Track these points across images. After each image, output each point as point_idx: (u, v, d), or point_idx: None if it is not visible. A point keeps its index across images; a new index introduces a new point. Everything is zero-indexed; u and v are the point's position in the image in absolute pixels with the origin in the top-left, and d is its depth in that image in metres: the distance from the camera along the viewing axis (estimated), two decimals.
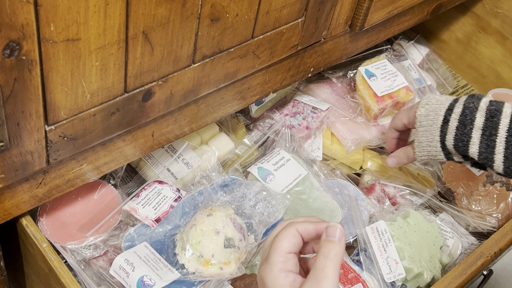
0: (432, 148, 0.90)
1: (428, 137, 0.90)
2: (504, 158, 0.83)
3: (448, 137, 0.87)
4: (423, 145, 0.91)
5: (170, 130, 0.81)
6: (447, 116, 0.88)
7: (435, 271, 0.93)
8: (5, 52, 0.52)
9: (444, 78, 1.31)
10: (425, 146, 0.91)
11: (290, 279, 0.61)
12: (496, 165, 0.84)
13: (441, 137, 0.88)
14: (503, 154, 0.83)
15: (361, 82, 1.12)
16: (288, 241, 0.62)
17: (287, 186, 0.97)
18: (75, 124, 0.65)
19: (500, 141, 0.83)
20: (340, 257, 0.60)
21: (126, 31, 0.61)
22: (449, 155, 0.89)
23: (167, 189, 0.90)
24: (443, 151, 0.89)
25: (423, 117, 0.90)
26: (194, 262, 0.80)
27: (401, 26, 1.07)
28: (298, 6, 0.79)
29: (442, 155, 0.90)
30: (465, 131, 0.85)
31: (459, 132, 0.86)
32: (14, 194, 0.70)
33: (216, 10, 0.68)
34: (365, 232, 0.93)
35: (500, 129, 0.83)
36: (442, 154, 0.89)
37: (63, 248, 0.82)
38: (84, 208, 0.89)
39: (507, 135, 0.83)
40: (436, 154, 0.90)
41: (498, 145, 0.83)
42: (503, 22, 1.25)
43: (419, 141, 0.91)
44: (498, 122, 0.83)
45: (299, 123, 1.08)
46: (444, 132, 0.88)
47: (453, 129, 0.86)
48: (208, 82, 0.77)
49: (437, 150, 0.90)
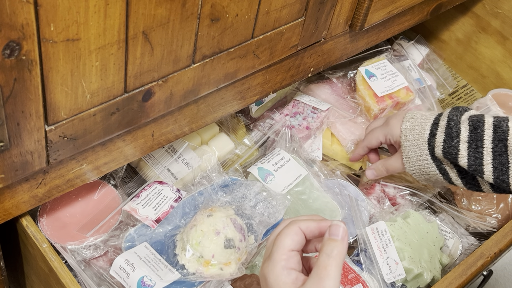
0: (423, 162, 0.90)
1: (417, 151, 0.90)
2: (493, 169, 0.84)
3: (436, 150, 0.88)
4: (412, 160, 0.91)
5: (170, 130, 0.81)
6: (433, 129, 0.88)
7: (435, 271, 0.92)
8: (5, 52, 0.52)
9: (444, 78, 1.31)
10: (415, 161, 0.91)
11: (292, 277, 0.61)
12: (487, 176, 0.84)
13: (429, 150, 0.89)
14: (492, 164, 0.84)
15: (361, 82, 1.12)
16: (291, 238, 0.62)
17: (287, 186, 0.97)
18: (75, 124, 0.65)
19: (487, 152, 0.84)
20: (342, 256, 0.60)
21: (126, 31, 0.61)
22: (441, 165, 0.90)
23: (167, 189, 0.90)
24: (434, 163, 0.90)
25: (408, 130, 0.91)
26: (194, 262, 0.80)
27: (401, 26, 1.07)
28: (298, 6, 0.79)
29: (434, 167, 0.90)
30: (453, 144, 0.86)
31: (447, 145, 0.86)
32: (14, 194, 0.70)
33: (216, 10, 0.68)
34: (365, 232, 0.93)
35: (485, 140, 0.84)
36: (433, 165, 0.90)
37: (63, 249, 0.82)
38: (84, 209, 0.89)
39: (492, 146, 0.84)
40: (428, 167, 0.90)
41: (485, 156, 0.84)
42: (503, 23, 1.25)
43: (408, 156, 0.91)
44: (482, 133, 0.84)
45: (299, 123, 1.08)
46: (432, 146, 0.88)
47: (441, 142, 0.87)
48: (208, 82, 0.77)
49: (428, 163, 0.90)
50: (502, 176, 0.84)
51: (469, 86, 1.37)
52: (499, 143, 0.83)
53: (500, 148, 0.83)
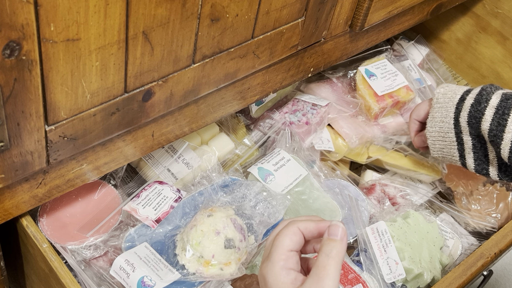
0: (445, 124, 0.92)
1: (443, 113, 0.92)
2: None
3: (462, 113, 0.89)
4: (436, 120, 0.93)
5: (170, 130, 0.81)
6: (464, 95, 0.91)
7: (435, 271, 0.92)
8: (5, 52, 0.52)
9: (444, 78, 1.31)
10: (438, 122, 0.93)
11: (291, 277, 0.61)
12: (504, 143, 0.85)
13: (455, 113, 0.91)
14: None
15: (361, 81, 1.12)
16: (290, 239, 0.63)
17: (287, 186, 0.97)
18: (75, 124, 0.65)
19: (511, 121, 0.85)
20: (341, 256, 0.60)
21: (126, 31, 0.61)
22: (460, 134, 0.91)
23: (168, 189, 0.90)
24: (454, 129, 0.91)
25: (441, 94, 0.93)
26: (194, 262, 0.80)
27: (401, 26, 1.07)
28: (298, 6, 0.79)
29: (452, 133, 0.91)
30: (479, 108, 0.88)
31: (473, 109, 0.88)
32: (14, 194, 0.70)
33: (216, 10, 0.68)
34: (365, 232, 0.93)
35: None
36: (452, 131, 0.91)
37: (64, 249, 0.82)
38: (84, 209, 0.88)
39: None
40: (448, 131, 0.92)
41: (509, 124, 0.85)
42: (503, 23, 1.25)
43: (433, 116, 0.93)
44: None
45: (299, 119, 1.08)
46: (459, 109, 0.90)
47: (468, 106, 0.89)
48: (208, 82, 0.77)
49: (449, 127, 0.92)
50: None
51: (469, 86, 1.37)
52: None
53: None
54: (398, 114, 1.15)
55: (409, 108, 1.17)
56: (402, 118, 1.16)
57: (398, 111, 1.15)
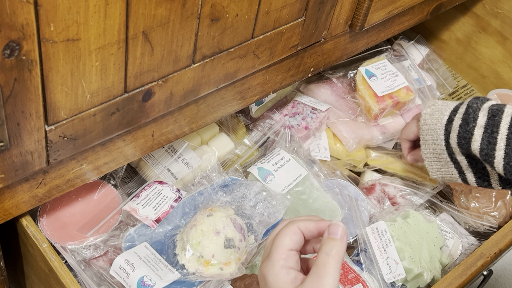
0: (437, 147, 0.92)
1: (433, 135, 0.92)
2: (504, 154, 0.85)
3: (452, 135, 0.89)
4: (428, 143, 0.93)
5: (170, 130, 0.81)
6: (451, 116, 0.90)
7: (435, 271, 0.92)
8: (5, 52, 0.52)
9: (444, 78, 1.31)
10: (430, 144, 0.93)
11: (291, 276, 0.61)
12: (497, 161, 0.85)
13: (445, 135, 0.90)
14: (504, 150, 0.85)
15: (361, 82, 1.12)
16: (290, 238, 0.63)
17: (287, 186, 0.97)
18: (75, 124, 0.65)
19: (501, 138, 0.85)
20: (341, 255, 0.60)
21: (126, 31, 0.61)
22: (453, 155, 0.91)
23: (167, 189, 0.90)
24: (446, 150, 0.91)
25: (428, 115, 0.93)
26: (194, 262, 0.80)
27: (401, 26, 1.07)
28: (298, 6, 0.79)
29: (446, 154, 0.92)
30: (468, 129, 0.87)
31: (462, 130, 0.88)
32: (14, 194, 0.70)
33: (216, 10, 0.68)
34: (365, 232, 0.93)
35: (501, 127, 0.85)
36: (445, 153, 0.91)
37: (63, 249, 0.82)
38: (84, 209, 0.89)
39: (508, 132, 0.85)
40: (441, 153, 0.92)
41: (499, 142, 0.85)
42: (503, 23, 1.25)
43: (424, 139, 0.94)
44: (500, 120, 0.85)
45: (298, 123, 1.08)
46: (448, 131, 0.90)
47: (457, 127, 0.88)
48: (208, 82, 0.77)
49: (441, 149, 0.92)
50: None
51: (469, 86, 1.37)
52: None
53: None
54: (398, 115, 1.15)
55: (409, 108, 1.17)
56: (402, 119, 1.16)
57: (398, 112, 1.15)
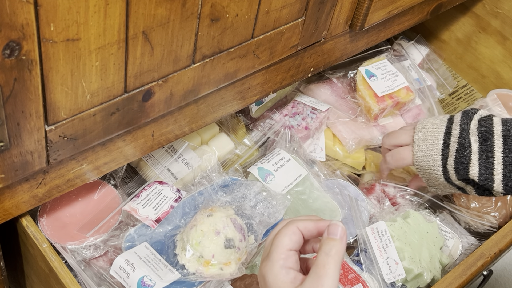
0: (433, 172, 0.90)
1: (429, 161, 0.90)
2: (503, 177, 0.84)
3: (449, 160, 0.88)
4: (424, 168, 0.92)
5: (170, 130, 0.81)
6: (446, 140, 0.89)
7: (435, 271, 0.92)
8: (5, 52, 0.52)
9: (444, 78, 1.31)
10: (426, 169, 0.91)
11: (291, 276, 0.61)
12: (496, 185, 0.85)
13: (442, 161, 0.89)
14: (502, 173, 0.84)
15: (362, 82, 1.12)
16: (289, 238, 0.63)
17: (287, 186, 0.97)
18: (75, 124, 0.65)
19: (498, 163, 0.84)
20: (341, 255, 0.60)
21: (126, 31, 0.61)
22: (449, 180, 0.90)
23: (167, 189, 0.90)
24: (443, 175, 0.90)
25: (421, 141, 0.91)
26: (194, 262, 0.80)
27: (401, 26, 1.07)
28: (298, 6, 0.79)
29: (443, 179, 0.90)
30: (465, 154, 0.86)
31: (459, 155, 0.87)
32: (14, 194, 0.70)
33: (216, 10, 0.68)
34: (365, 232, 0.93)
35: (495, 151, 0.85)
36: (442, 177, 0.90)
37: (63, 249, 0.82)
38: (84, 209, 0.89)
39: (503, 156, 0.84)
40: (438, 178, 0.91)
41: (496, 166, 0.84)
42: (503, 22, 1.25)
43: (420, 165, 0.92)
44: (492, 145, 0.85)
45: (298, 123, 1.08)
46: (446, 156, 0.88)
47: (454, 152, 0.87)
48: (208, 82, 0.77)
49: (438, 174, 0.90)
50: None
51: (469, 86, 1.37)
52: (510, 153, 0.84)
53: (511, 158, 0.84)
54: (398, 115, 1.15)
55: (409, 108, 1.17)
56: (402, 119, 1.16)
57: (398, 112, 1.15)
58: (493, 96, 1.23)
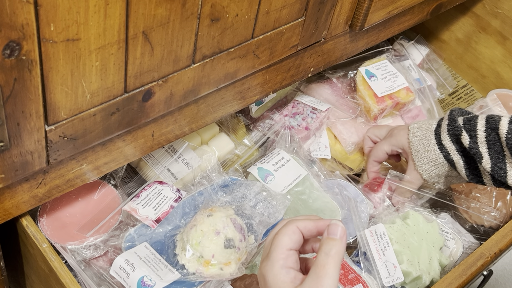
0: (431, 153, 0.95)
1: (425, 143, 0.96)
2: (489, 157, 0.90)
3: (442, 135, 0.94)
4: (420, 152, 0.96)
5: (170, 130, 0.81)
6: (439, 122, 0.96)
7: (434, 273, 0.92)
8: (5, 52, 0.52)
9: (444, 78, 1.31)
10: (423, 152, 0.96)
11: (291, 276, 0.61)
12: (484, 162, 0.90)
13: (436, 139, 0.95)
14: (488, 153, 0.90)
15: (362, 82, 1.12)
16: (289, 237, 0.63)
17: (287, 186, 0.97)
18: (75, 124, 0.65)
19: (481, 142, 0.91)
20: (341, 255, 0.60)
21: (126, 31, 0.61)
22: (449, 156, 0.94)
23: (167, 189, 0.90)
24: (442, 153, 0.94)
25: (416, 129, 0.98)
26: (194, 262, 0.80)
27: (401, 26, 1.07)
28: (298, 6, 0.79)
29: (442, 157, 0.95)
30: (456, 125, 0.93)
31: (451, 127, 0.93)
32: (14, 194, 0.70)
33: (216, 10, 0.68)
34: (364, 235, 0.93)
35: (478, 130, 0.91)
36: (441, 155, 0.95)
37: (63, 249, 0.82)
38: (84, 209, 0.89)
39: (485, 135, 0.90)
40: (436, 157, 0.95)
41: (480, 146, 0.90)
42: (503, 22, 1.25)
43: (417, 150, 0.97)
44: (475, 124, 0.92)
45: (299, 123, 1.08)
46: (439, 133, 0.95)
47: (445, 127, 0.94)
48: (208, 82, 0.77)
49: (435, 153, 0.95)
50: (499, 164, 0.89)
51: (469, 86, 1.37)
52: (492, 132, 0.89)
53: (493, 137, 0.89)
54: (398, 116, 1.15)
55: (409, 109, 1.17)
56: (401, 120, 1.15)
57: (397, 112, 1.15)
58: (493, 96, 1.23)
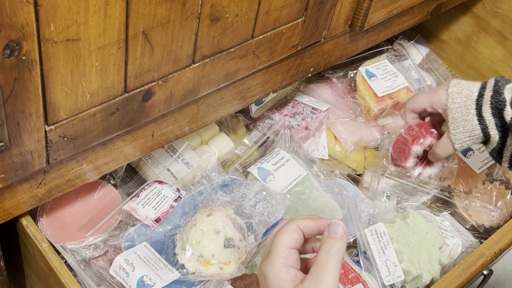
0: (468, 123, 0.90)
1: (463, 112, 0.91)
2: None
3: (484, 107, 0.89)
4: (457, 121, 0.91)
5: (170, 130, 0.81)
6: (481, 91, 0.90)
7: (434, 272, 0.92)
8: (5, 52, 0.52)
9: (444, 78, 1.31)
10: (460, 121, 0.91)
11: (291, 274, 0.61)
12: None
13: (477, 109, 0.89)
14: None
15: (362, 82, 1.12)
16: (289, 236, 0.63)
17: (287, 186, 0.97)
18: (75, 124, 0.66)
19: None
20: (341, 254, 0.60)
21: (126, 31, 0.61)
22: (486, 129, 0.90)
23: (167, 189, 0.90)
24: (480, 125, 0.89)
25: (455, 94, 0.92)
26: (194, 262, 0.80)
27: (401, 26, 1.07)
28: (298, 6, 0.79)
29: (479, 129, 0.90)
30: (500, 98, 0.88)
31: (494, 100, 0.88)
32: (14, 194, 0.70)
33: (216, 10, 0.68)
34: (364, 234, 0.93)
35: None
36: (478, 127, 0.90)
37: (63, 248, 0.82)
38: (84, 208, 0.89)
39: None
40: (473, 128, 0.90)
41: None
42: (503, 22, 1.25)
43: (454, 117, 0.91)
44: None
45: (298, 123, 1.08)
46: (480, 104, 0.89)
47: (488, 98, 0.88)
48: (208, 82, 0.77)
49: (473, 124, 0.90)
50: None
51: None
52: None
53: None
54: (398, 115, 1.15)
55: None
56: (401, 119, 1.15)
57: (397, 112, 1.15)
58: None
